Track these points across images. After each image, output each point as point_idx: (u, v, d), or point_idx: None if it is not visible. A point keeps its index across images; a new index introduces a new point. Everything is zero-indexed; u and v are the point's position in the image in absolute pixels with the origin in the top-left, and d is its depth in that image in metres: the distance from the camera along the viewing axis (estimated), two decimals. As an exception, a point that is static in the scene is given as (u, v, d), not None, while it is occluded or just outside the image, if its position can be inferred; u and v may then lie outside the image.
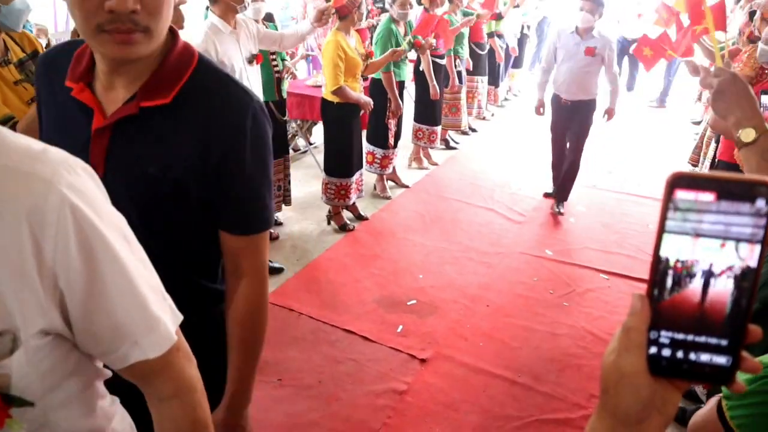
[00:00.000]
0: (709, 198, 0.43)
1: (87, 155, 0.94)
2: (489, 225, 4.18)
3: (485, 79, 6.34)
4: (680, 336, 0.46)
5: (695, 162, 4.30)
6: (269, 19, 3.69)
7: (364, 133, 4.27)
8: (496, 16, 6.23)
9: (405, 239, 3.91)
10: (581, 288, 3.38)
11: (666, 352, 0.46)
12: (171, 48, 0.97)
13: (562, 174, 4.32)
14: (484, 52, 6.05)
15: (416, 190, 4.77)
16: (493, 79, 6.92)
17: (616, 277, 3.51)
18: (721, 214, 0.43)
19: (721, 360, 0.45)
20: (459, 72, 5.31)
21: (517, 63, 7.84)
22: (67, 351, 0.69)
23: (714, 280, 0.44)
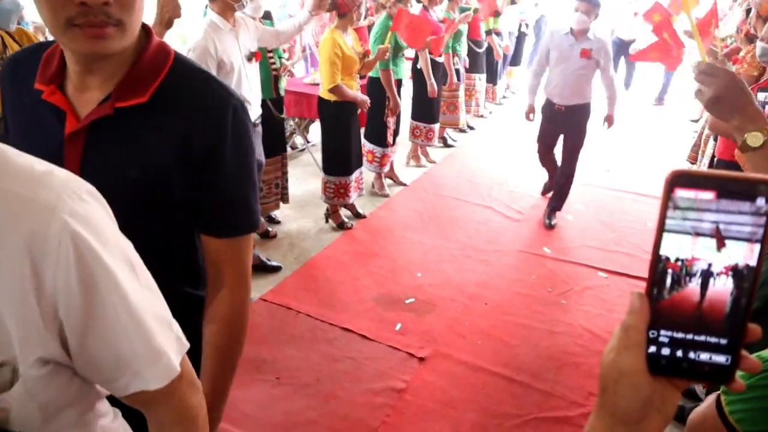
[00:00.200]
0: (709, 196, 0.43)
1: (61, 161, 0.90)
2: (487, 223, 4.18)
3: (483, 76, 6.35)
4: (679, 335, 0.46)
5: (693, 160, 4.31)
6: (267, 17, 3.68)
7: (363, 132, 4.26)
8: (494, 13, 6.22)
9: (403, 237, 3.91)
10: (580, 286, 3.39)
11: (665, 351, 0.46)
12: (145, 46, 0.93)
13: (556, 189, 4.15)
14: (482, 49, 6.05)
15: (414, 188, 4.76)
16: (491, 77, 6.91)
17: (615, 275, 3.51)
18: (721, 213, 0.43)
19: (721, 359, 0.45)
20: (457, 70, 5.31)
21: (516, 61, 7.84)
22: (68, 379, 0.67)
23: (713, 279, 0.44)
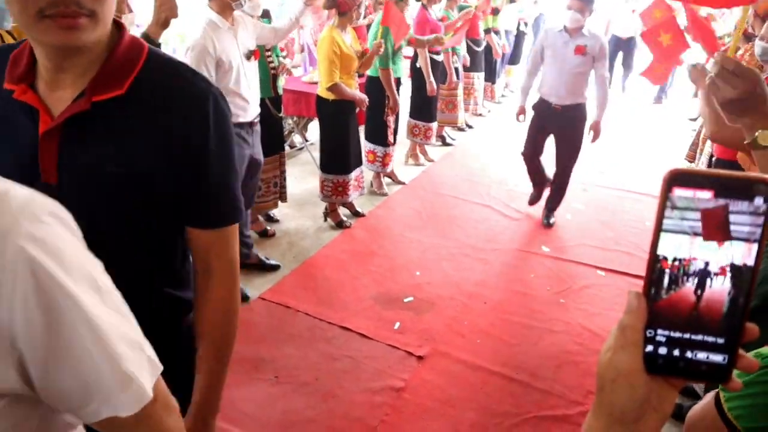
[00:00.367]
0: (707, 195, 0.43)
1: (35, 161, 0.88)
2: (485, 221, 4.18)
3: (482, 75, 6.35)
4: (677, 334, 0.46)
5: (691, 159, 4.30)
6: (266, 15, 3.67)
7: (363, 131, 4.25)
8: (494, 11, 6.22)
9: (401, 236, 3.91)
10: (578, 285, 3.39)
11: (662, 351, 0.46)
12: (118, 41, 0.92)
13: (550, 193, 4.11)
14: (480, 48, 6.05)
15: (413, 187, 4.76)
16: (490, 76, 6.92)
17: (613, 274, 3.52)
18: None
19: (718, 358, 0.45)
20: (456, 68, 5.31)
21: (514, 59, 7.84)
22: (28, 410, 0.64)
23: (711, 278, 0.44)
